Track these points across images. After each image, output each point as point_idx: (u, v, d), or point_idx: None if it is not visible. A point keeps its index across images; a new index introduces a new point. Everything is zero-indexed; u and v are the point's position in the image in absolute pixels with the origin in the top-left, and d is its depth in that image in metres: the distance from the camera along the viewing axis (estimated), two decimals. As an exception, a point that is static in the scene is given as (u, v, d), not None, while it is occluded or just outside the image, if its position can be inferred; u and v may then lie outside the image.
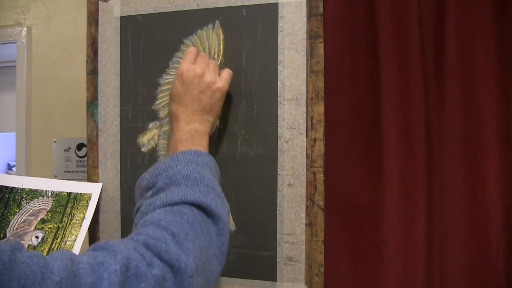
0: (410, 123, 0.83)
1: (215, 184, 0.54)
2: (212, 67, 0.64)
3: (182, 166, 0.53)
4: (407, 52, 0.83)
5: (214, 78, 0.62)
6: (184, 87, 0.61)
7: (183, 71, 0.61)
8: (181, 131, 0.59)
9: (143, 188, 0.55)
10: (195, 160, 0.54)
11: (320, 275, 0.64)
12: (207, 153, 0.58)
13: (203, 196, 0.50)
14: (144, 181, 0.56)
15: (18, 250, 0.35)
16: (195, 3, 0.70)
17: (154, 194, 0.52)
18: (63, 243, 0.65)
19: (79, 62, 1.17)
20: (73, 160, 1.17)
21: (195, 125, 0.60)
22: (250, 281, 0.67)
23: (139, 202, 0.55)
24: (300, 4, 0.65)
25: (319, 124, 0.65)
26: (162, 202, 0.50)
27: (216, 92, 0.62)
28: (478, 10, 0.81)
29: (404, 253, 0.83)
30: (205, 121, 0.61)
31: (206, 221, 0.50)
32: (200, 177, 0.52)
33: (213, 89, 0.61)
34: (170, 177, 0.52)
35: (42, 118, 1.22)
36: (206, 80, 0.61)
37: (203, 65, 0.63)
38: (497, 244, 0.80)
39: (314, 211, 0.64)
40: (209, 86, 0.61)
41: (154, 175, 0.54)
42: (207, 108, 0.61)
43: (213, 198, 0.51)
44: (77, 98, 1.17)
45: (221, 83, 0.62)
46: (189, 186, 0.51)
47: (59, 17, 1.21)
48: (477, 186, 0.81)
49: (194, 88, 0.61)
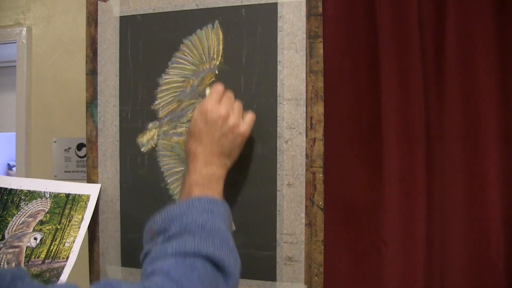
0: (410, 123, 0.83)
1: (229, 238, 0.52)
2: (237, 110, 0.62)
3: (197, 214, 0.51)
4: (407, 52, 0.83)
5: (238, 122, 0.60)
6: (207, 127, 0.59)
7: (207, 109, 0.59)
8: (198, 173, 0.57)
9: (154, 231, 0.53)
10: (211, 209, 0.52)
11: (320, 275, 0.64)
12: (223, 201, 0.56)
13: (218, 251, 0.48)
14: (155, 224, 0.53)
15: (19, 279, 0.34)
16: (195, 3, 0.70)
17: (166, 241, 0.50)
18: (62, 244, 0.65)
19: (79, 62, 1.17)
20: (73, 160, 1.17)
21: (212, 168, 0.58)
22: (250, 281, 0.67)
23: (148, 246, 0.53)
24: (299, 4, 0.65)
25: (319, 124, 0.64)
26: (174, 250, 0.48)
27: (238, 137, 0.60)
28: (478, 10, 0.81)
29: (404, 253, 0.83)
30: (222, 165, 0.59)
31: (216, 277, 0.48)
32: (215, 229, 0.50)
33: (236, 133, 0.60)
34: (185, 225, 0.50)
35: (42, 118, 1.22)
36: (230, 123, 0.59)
37: (229, 106, 0.61)
38: (497, 244, 0.80)
39: (314, 211, 0.64)
40: (232, 130, 0.59)
41: (166, 220, 0.52)
42: (226, 152, 0.60)
43: (227, 254, 0.49)
44: (77, 98, 1.17)
45: (243, 128, 0.61)
46: (203, 238, 0.49)
47: (59, 17, 1.21)
48: (477, 186, 0.81)
49: (217, 129, 0.59)
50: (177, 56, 0.71)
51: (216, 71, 0.69)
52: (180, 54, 0.71)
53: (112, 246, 0.74)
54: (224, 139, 0.59)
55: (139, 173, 0.73)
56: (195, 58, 0.70)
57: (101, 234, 0.75)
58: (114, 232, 0.74)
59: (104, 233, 0.74)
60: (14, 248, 0.63)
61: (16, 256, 0.63)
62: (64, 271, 0.63)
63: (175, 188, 0.71)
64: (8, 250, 0.63)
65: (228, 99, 0.62)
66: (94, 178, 0.75)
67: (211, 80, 0.69)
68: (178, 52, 0.71)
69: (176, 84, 0.71)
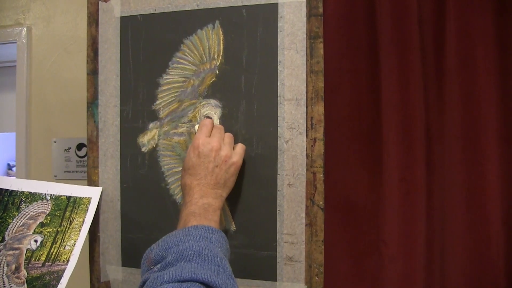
0: (410, 123, 0.83)
1: (226, 264, 0.52)
2: (228, 141, 0.64)
3: (194, 241, 0.51)
4: (407, 52, 0.83)
5: (230, 153, 0.62)
6: (199, 160, 0.61)
7: (199, 144, 0.61)
8: (194, 205, 0.58)
9: (151, 260, 0.53)
10: (207, 237, 0.53)
11: (320, 275, 0.64)
12: (219, 230, 0.56)
13: (214, 276, 0.48)
14: (152, 253, 0.53)
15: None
16: (195, 3, 0.70)
17: (162, 268, 0.50)
18: (62, 247, 0.65)
19: (79, 62, 1.17)
20: (73, 160, 1.17)
21: (208, 199, 0.59)
22: (250, 281, 0.67)
23: (145, 276, 0.52)
24: (300, 4, 0.65)
25: (319, 124, 0.65)
26: (170, 277, 0.47)
27: (231, 167, 0.62)
28: (478, 10, 0.81)
29: (404, 253, 0.83)
30: (218, 195, 0.61)
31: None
32: (211, 255, 0.50)
33: (229, 163, 0.62)
34: (181, 252, 0.50)
35: (42, 118, 1.22)
36: (222, 155, 0.61)
37: (220, 139, 0.63)
38: (497, 244, 0.80)
39: (314, 211, 0.64)
40: (225, 160, 0.61)
41: (163, 248, 0.52)
42: (221, 183, 0.61)
43: (224, 279, 0.49)
44: (77, 98, 1.17)
45: (235, 158, 0.63)
46: (200, 264, 0.49)
47: (59, 17, 1.21)
48: (477, 186, 0.81)
49: (210, 161, 0.61)
50: (177, 56, 0.71)
51: (216, 71, 0.69)
52: (181, 54, 0.71)
53: (113, 246, 0.74)
54: (218, 170, 0.61)
55: (139, 173, 0.73)
56: (196, 58, 0.70)
57: (101, 234, 0.75)
58: (114, 232, 0.74)
59: (104, 233, 0.74)
60: (14, 250, 0.63)
61: (16, 258, 0.62)
62: (64, 274, 0.63)
63: (176, 188, 0.71)
64: (8, 252, 0.63)
65: (218, 131, 0.64)
66: (95, 178, 0.75)
67: (212, 80, 0.69)
68: (178, 52, 0.71)
69: (177, 84, 0.71)
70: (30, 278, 0.62)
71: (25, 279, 0.61)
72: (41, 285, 0.61)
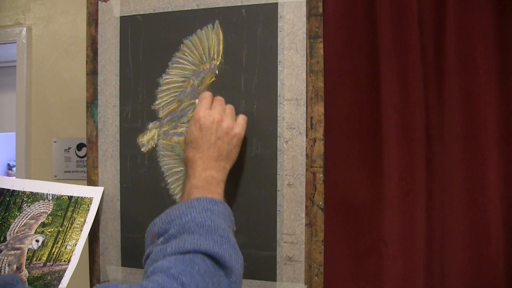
0: (410, 123, 0.83)
1: (230, 235, 0.52)
2: (229, 112, 0.63)
3: (196, 213, 0.51)
4: (407, 52, 0.83)
5: (231, 124, 0.61)
6: (201, 133, 0.60)
7: (200, 116, 0.60)
8: (197, 178, 0.57)
9: (155, 234, 0.53)
10: (210, 208, 0.52)
11: (320, 275, 0.64)
12: (223, 202, 0.56)
13: (217, 246, 0.48)
14: (156, 227, 0.53)
15: (11, 286, 0.35)
16: (195, 3, 0.70)
17: (165, 241, 0.50)
18: (64, 247, 0.65)
19: (79, 62, 1.17)
20: (73, 160, 1.17)
21: (211, 172, 0.58)
22: (250, 281, 0.67)
23: (149, 249, 0.53)
24: (299, 4, 0.65)
25: (319, 124, 0.65)
26: (173, 249, 0.47)
27: (233, 139, 0.61)
28: (478, 10, 0.81)
29: (404, 253, 0.83)
30: (221, 168, 0.60)
31: (218, 273, 0.47)
32: (214, 226, 0.50)
33: (231, 135, 0.61)
34: (184, 224, 0.50)
35: (42, 118, 1.22)
36: (224, 126, 0.60)
37: (221, 110, 0.62)
38: (497, 244, 0.80)
39: (314, 211, 0.64)
40: (227, 132, 0.60)
41: (166, 221, 0.52)
42: (224, 155, 0.60)
43: (227, 249, 0.49)
44: (77, 98, 1.17)
45: (238, 129, 0.62)
46: (202, 235, 0.49)
47: (59, 17, 1.21)
48: (477, 185, 0.81)
49: (212, 134, 0.60)
50: (177, 56, 0.71)
51: (216, 71, 0.69)
52: (181, 54, 0.71)
53: (112, 246, 0.74)
54: (220, 142, 0.60)
55: (139, 173, 0.73)
56: (196, 58, 0.70)
57: (101, 234, 0.75)
58: (114, 232, 0.74)
59: (104, 233, 0.74)
60: (15, 250, 0.63)
61: (17, 258, 0.62)
62: (65, 274, 0.63)
63: (176, 188, 0.71)
64: (10, 252, 0.63)
65: (218, 103, 0.63)
66: (95, 178, 0.75)
67: (211, 80, 0.69)
68: (178, 52, 0.71)
69: (177, 84, 0.71)
70: (32, 278, 0.62)
71: (27, 279, 0.61)
72: (42, 285, 0.61)
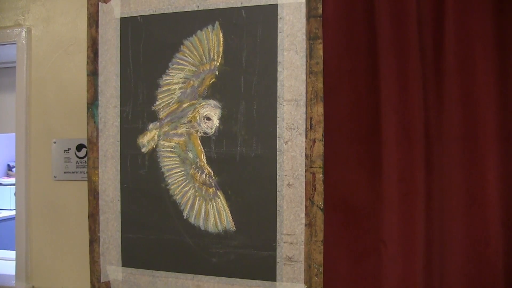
0: (409, 123, 0.83)
1: None
2: None
3: None
4: (406, 53, 0.83)
5: None
6: None
7: None
8: None
9: None
10: None
11: (320, 275, 0.64)
12: None
13: None
14: None
15: None
16: (195, 4, 0.70)
17: None
18: None
19: (79, 63, 1.17)
20: (73, 161, 1.17)
21: None
22: (250, 281, 0.67)
23: None
24: (299, 6, 0.65)
25: (318, 124, 0.65)
26: None
27: None
28: (477, 10, 0.81)
29: (404, 253, 0.83)
30: None
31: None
32: None
33: None
34: None
35: (42, 118, 1.22)
36: None
37: None
38: (496, 244, 0.80)
39: (314, 211, 0.65)
40: None
41: None
42: None
43: None
44: (76, 99, 1.17)
45: None
46: None
47: (58, 18, 1.21)
48: (476, 186, 0.81)
49: None
50: (177, 57, 0.71)
51: (216, 72, 0.69)
52: (181, 55, 0.71)
53: (113, 246, 0.74)
54: None
55: (139, 173, 0.73)
56: (196, 59, 0.70)
57: (101, 234, 0.75)
58: (114, 232, 0.74)
59: (104, 233, 0.75)
60: None
61: None
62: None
63: (176, 188, 0.71)
64: None
65: None
66: (95, 178, 0.75)
67: (211, 81, 0.69)
68: (178, 53, 0.71)
69: (177, 85, 0.71)
70: None
71: None
72: None
